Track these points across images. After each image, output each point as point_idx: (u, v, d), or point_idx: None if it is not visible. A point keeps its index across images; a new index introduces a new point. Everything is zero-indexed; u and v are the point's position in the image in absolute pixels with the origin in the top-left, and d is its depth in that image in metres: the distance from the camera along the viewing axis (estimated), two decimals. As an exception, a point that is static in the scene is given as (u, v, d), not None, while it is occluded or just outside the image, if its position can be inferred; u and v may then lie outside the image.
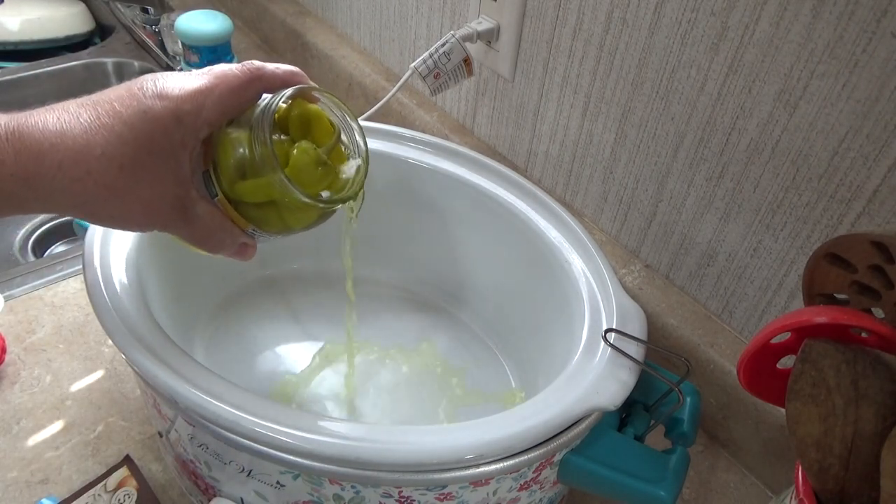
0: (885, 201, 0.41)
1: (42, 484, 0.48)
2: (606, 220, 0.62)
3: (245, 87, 0.36)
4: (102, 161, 0.32)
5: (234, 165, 0.36)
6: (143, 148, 0.33)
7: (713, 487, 0.54)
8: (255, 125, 0.36)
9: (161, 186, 0.34)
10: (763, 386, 0.39)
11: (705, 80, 0.48)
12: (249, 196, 0.37)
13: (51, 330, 0.58)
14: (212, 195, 0.37)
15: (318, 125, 0.39)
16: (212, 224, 0.37)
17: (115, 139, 0.32)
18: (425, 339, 0.59)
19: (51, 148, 0.31)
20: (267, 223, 0.38)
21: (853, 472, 0.32)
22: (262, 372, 0.54)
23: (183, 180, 0.35)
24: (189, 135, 0.34)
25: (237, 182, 0.36)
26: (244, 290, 0.60)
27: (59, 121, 0.32)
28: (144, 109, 0.33)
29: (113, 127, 0.32)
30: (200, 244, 0.38)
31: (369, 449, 0.34)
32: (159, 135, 0.33)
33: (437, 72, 0.63)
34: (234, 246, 0.39)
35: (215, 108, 0.35)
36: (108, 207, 0.34)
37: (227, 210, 0.37)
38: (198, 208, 0.36)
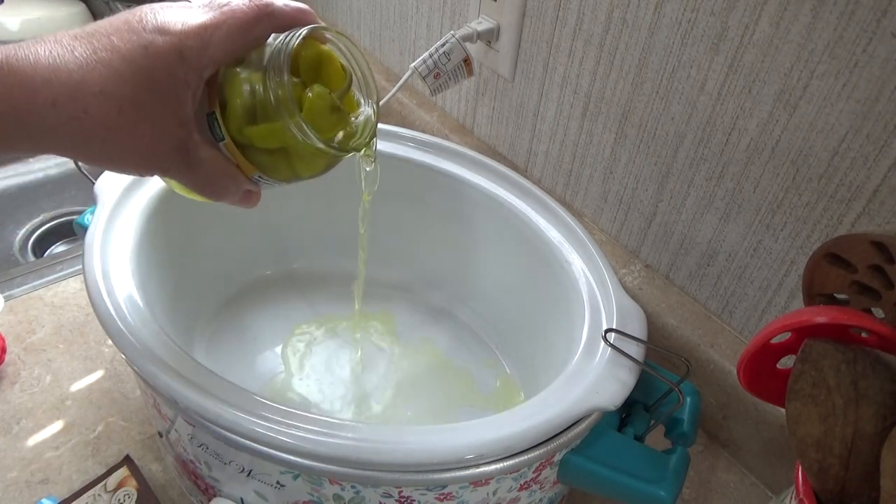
0: (885, 201, 0.41)
1: (42, 484, 0.48)
2: (606, 220, 0.62)
3: (254, 24, 0.33)
4: (100, 98, 0.30)
5: (243, 108, 0.34)
6: (143, 86, 0.31)
7: (713, 487, 0.54)
8: (270, 66, 0.33)
9: (162, 127, 0.32)
10: (763, 386, 0.39)
11: (705, 80, 0.48)
12: (260, 141, 0.35)
13: (51, 330, 0.58)
14: (217, 138, 0.35)
15: (330, 68, 0.37)
16: (215, 169, 0.34)
17: (114, 76, 0.30)
18: (425, 339, 0.59)
19: (44, 84, 0.29)
20: (275, 170, 0.36)
21: (853, 472, 0.32)
22: (263, 372, 0.54)
23: (185, 121, 0.33)
24: (192, 73, 0.32)
25: (246, 126, 0.34)
26: (245, 290, 0.60)
27: (52, 54, 0.30)
28: (145, 44, 0.31)
29: (111, 62, 0.30)
30: (202, 190, 0.35)
31: (369, 449, 0.34)
32: (161, 72, 0.31)
33: (437, 72, 0.63)
34: (238, 193, 0.37)
35: (222, 45, 0.32)
36: (105, 148, 0.32)
37: (234, 155, 0.35)
38: (201, 152, 0.34)
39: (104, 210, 0.45)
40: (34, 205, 0.90)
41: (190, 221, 0.53)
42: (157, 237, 0.48)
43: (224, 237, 0.57)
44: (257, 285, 0.61)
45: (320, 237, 0.62)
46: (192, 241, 0.54)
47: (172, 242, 0.50)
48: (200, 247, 0.55)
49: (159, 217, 0.48)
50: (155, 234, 0.47)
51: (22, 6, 1.01)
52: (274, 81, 0.33)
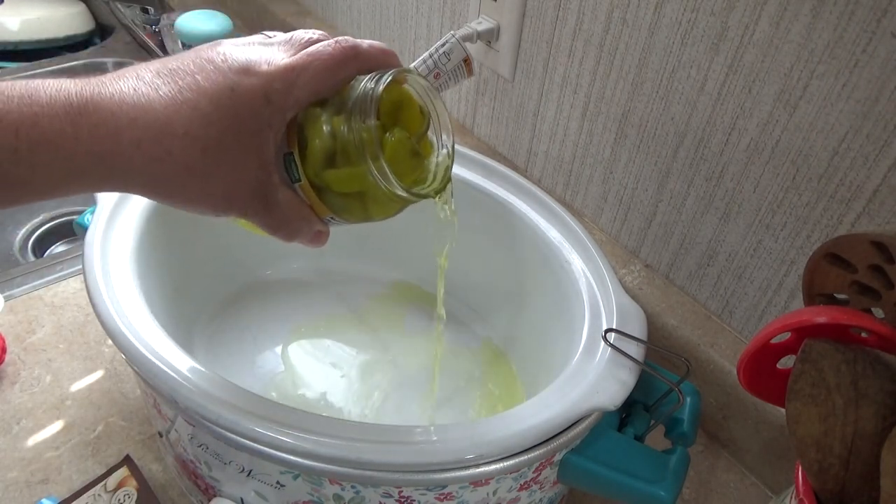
0: (885, 201, 0.41)
1: (42, 484, 0.48)
2: (606, 220, 0.62)
3: (341, 67, 0.33)
4: (186, 141, 0.29)
5: (323, 151, 0.33)
6: (228, 129, 0.30)
7: (713, 487, 0.54)
8: (356, 110, 0.32)
9: (244, 170, 0.32)
10: (763, 386, 0.39)
11: (705, 80, 0.48)
12: (338, 185, 0.34)
13: (51, 330, 0.58)
14: (293, 180, 0.34)
15: (409, 110, 0.36)
16: (290, 212, 0.34)
17: (199, 118, 0.30)
18: (424, 338, 0.59)
19: (129, 124, 0.29)
20: (349, 212, 0.36)
21: (853, 472, 0.32)
22: (263, 372, 0.54)
23: (266, 164, 0.32)
24: (277, 115, 0.31)
25: (325, 169, 0.34)
26: (244, 290, 0.60)
27: (137, 92, 0.29)
28: (231, 86, 0.30)
29: (197, 104, 0.30)
30: (276, 231, 0.35)
31: (369, 449, 0.34)
32: (246, 114, 0.31)
33: (437, 72, 0.63)
34: (309, 234, 0.36)
35: (307, 87, 0.32)
36: (187, 190, 0.31)
37: (309, 196, 0.34)
38: (278, 194, 0.33)
39: (104, 210, 0.45)
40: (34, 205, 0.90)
41: (190, 221, 0.53)
42: (157, 237, 0.48)
43: (224, 237, 0.57)
44: (257, 285, 0.61)
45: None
46: (192, 241, 0.54)
47: (172, 242, 0.50)
48: (200, 247, 0.55)
49: (159, 217, 0.48)
50: (155, 234, 0.47)
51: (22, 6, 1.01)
52: (359, 126, 0.32)
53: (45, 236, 0.88)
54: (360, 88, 0.33)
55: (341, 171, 0.34)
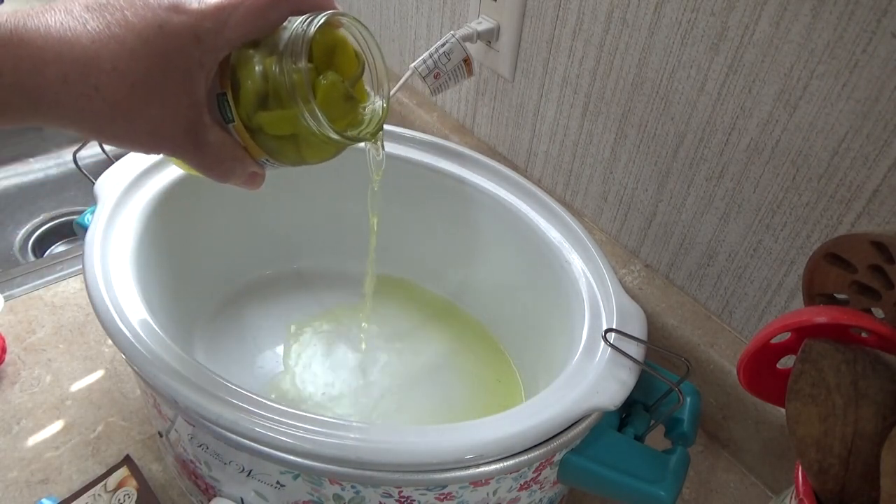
0: (885, 201, 0.41)
1: (42, 484, 0.48)
2: (606, 220, 0.62)
3: (272, 7, 0.32)
4: (113, 76, 0.29)
5: (255, 93, 0.33)
6: (156, 66, 0.30)
7: (713, 487, 0.54)
8: (287, 52, 0.33)
9: (173, 108, 0.31)
10: (763, 386, 0.39)
11: (705, 80, 0.48)
12: (270, 128, 0.34)
13: (51, 330, 0.58)
14: (227, 120, 0.34)
15: (344, 54, 0.36)
16: (223, 152, 0.34)
17: (127, 54, 0.29)
18: (425, 338, 0.59)
19: (55, 58, 0.28)
20: (283, 154, 0.36)
21: (853, 472, 0.32)
22: (263, 372, 0.54)
23: (197, 103, 0.32)
24: (208, 54, 0.31)
25: (258, 111, 0.34)
26: (244, 290, 0.60)
27: (63, 26, 0.29)
28: (160, 23, 0.30)
29: (125, 39, 0.29)
30: (209, 172, 0.35)
31: (369, 449, 0.34)
32: (175, 52, 0.30)
33: (437, 72, 0.63)
34: (243, 176, 0.36)
35: (239, 27, 0.32)
36: (114, 126, 0.31)
37: (242, 137, 0.35)
38: (209, 135, 0.33)
39: (104, 210, 0.45)
40: (34, 205, 0.90)
41: (190, 221, 0.53)
42: (157, 237, 0.48)
43: (224, 237, 0.57)
44: (257, 285, 0.61)
45: (320, 236, 0.62)
46: (191, 240, 0.54)
47: (172, 242, 0.50)
48: (200, 247, 0.55)
49: (159, 217, 0.48)
50: (155, 234, 0.47)
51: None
52: (290, 68, 0.33)
53: (45, 236, 0.88)
54: (293, 30, 0.33)
55: (273, 113, 0.34)
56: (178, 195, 0.50)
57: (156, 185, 0.49)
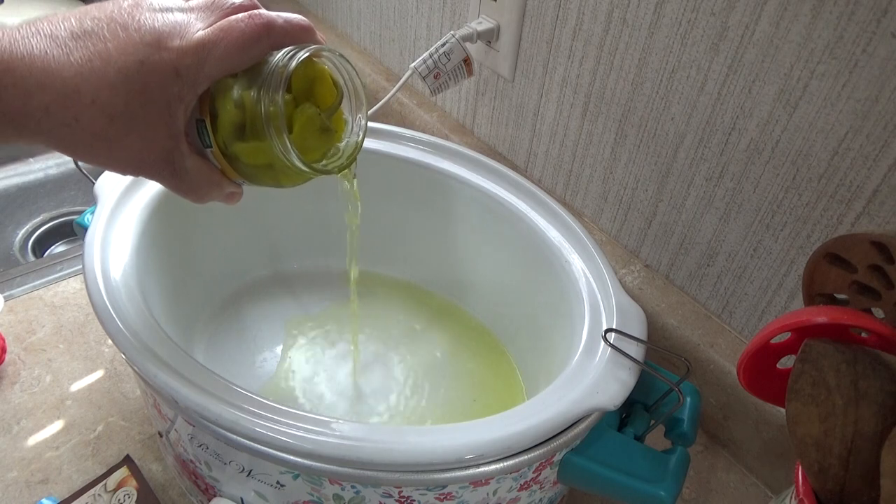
0: (885, 201, 0.41)
1: (42, 484, 0.48)
2: (606, 220, 0.62)
3: (253, 43, 0.33)
4: (93, 109, 0.30)
5: (233, 123, 0.34)
6: (136, 100, 0.31)
7: (713, 487, 0.54)
8: (265, 86, 0.33)
9: (152, 139, 0.32)
10: (763, 386, 0.39)
11: (705, 80, 0.48)
12: (247, 157, 0.35)
13: (51, 330, 0.58)
14: (205, 145, 0.35)
15: (323, 84, 0.37)
16: (200, 178, 0.35)
17: (108, 88, 0.30)
18: (425, 338, 0.59)
19: (38, 88, 0.29)
20: (259, 180, 0.37)
21: (853, 472, 0.32)
22: (263, 372, 0.54)
23: (175, 134, 0.33)
24: (187, 89, 0.32)
25: (234, 141, 0.35)
26: (244, 290, 0.60)
27: (48, 56, 0.30)
28: (142, 59, 0.31)
29: (106, 73, 0.30)
30: (186, 195, 0.36)
31: (369, 449, 0.34)
32: (155, 87, 0.31)
33: (437, 72, 0.63)
34: (220, 196, 0.37)
35: (219, 63, 0.32)
36: (94, 153, 0.32)
37: (220, 161, 0.36)
38: (187, 162, 0.34)
39: (104, 210, 0.45)
40: (34, 205, 0.90)
41: (190, 222, 0.53)
42: (157, 237, 0.48)
43: (224, 237, 0.57)
44: (258, 285, 0.61)
45: (321, 237, 0.62)
46: (192, 241, 0.54)
47: (172, 242, 0.50)
48: (200, 247, 0.55)
49: (159, 217, 0.48)
50: (155, 234, 0.47)
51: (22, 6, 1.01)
52: (267, 102, 0.33)
53: (45, 236, 0.88)
54: (273, 63, 0.34)
55: (250, 144, 0.34)
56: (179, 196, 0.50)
57: (156, 185, 0.49)
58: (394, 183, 0.59)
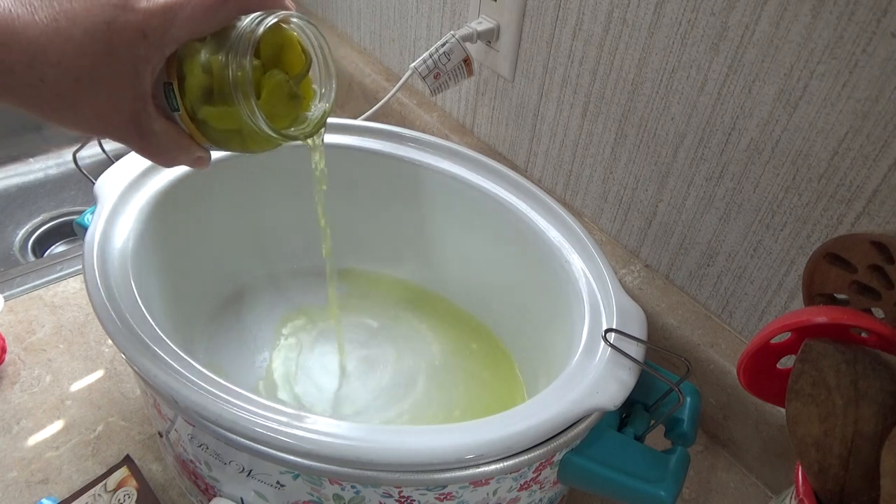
0: (885, 201, 0.41)
1: (42, 484, 0.48)
2: (606, 220, 0.62)
3: (220, 8, 0.33)
4: (58, 70, 0.30)
5: (201, 87, 0.34)
6: (102, 61, 0.31)
7: (713, 487, 0.54)
8: (232, 51, 0.33)
9: (118, 100, 0.32)
10: (763, 386, 0.39)
11: (705, 80, 0.48)
12: (214, 122, 0.35)
13: (51, 330, 0.58)
14: (172, 108, 0.35)
15: (291, 51, 0.37)
16: (167, 141, 0.35)
17: (73, 49, 0.30)
18: (424, 338, 0.59)
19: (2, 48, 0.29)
20: (226, 144, 0.37)
21: (853, 472, 0.32)
22: (263, 372, 0.54)
23: (142, 96, 0.33)
24: (154, 51, 0.32)
25: (202, 105, 0.35)
26: (244, 290, 0.60)
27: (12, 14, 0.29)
28: (108, 20, 0.31)
29: (72, 34, 0.30)
30: (154, 159, 0.36)
31: (369, 449, 0.34)
32: (121, 49, 0.31)
33: (437, 72, 0.63)
34: (188, 160, 0.37)
35: (186, 25, 0.32)
36: (61, 114, 0.32)
37: (187, 125, 0.36)
38: (154, 125, 0.34)
39: (104, 210, 0.45)
40: (34, 205, 0.90)
41: (190, 221, 0.53)
42: (157, 237, 0.48)
43: (224, 237, 0.57)
44: (258, 285, 0.61)
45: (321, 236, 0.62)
46: (191, 241, 0.54)
47: (172, 242, 0.50)
48: (200, 247, 0.55)
49: (159, 217, 0.48)
50: (155, 234, 0.47)
51: None
52: (234, 66, 0.33)
53: (45, 236, 0.88)
54: (241, 28, 0.33)
55: (217, 108, 0.34)
56: (179, 195, 0.50)
57: (156, 185, 0.49)
58: (393, 183, 0.59)
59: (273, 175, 0.58)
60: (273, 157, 0.46)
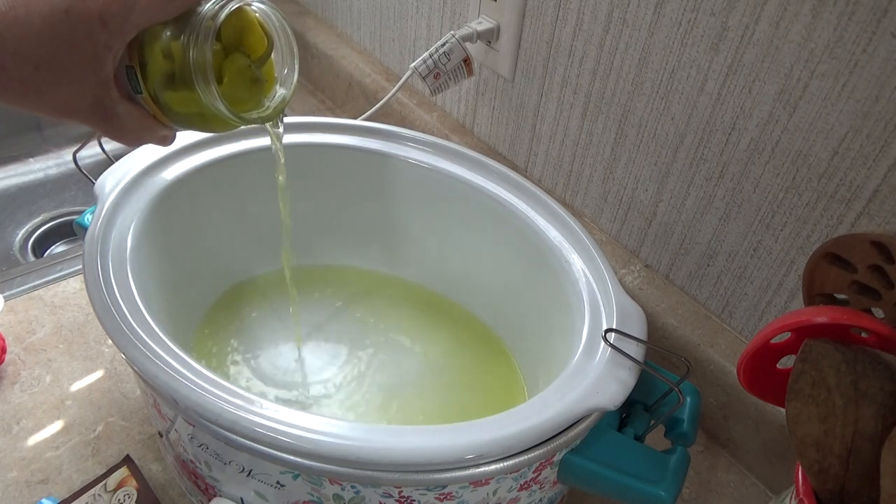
0: (885, 201, 0.41)
1: (42, 484, 0.48)
2: (606, 220, 0.62)
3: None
4: (17, 58, 0.30)
5: (162, 73, 0.34)
6: (61, 48, 0.31)
7: (713, 487, 0.54)
8: (193, 37, 0.33)
9: (80, 85, 0.32)
10: (763, 386, 0.39)
11: (705, 80, 0.48)
12: (176, 106, 0.36)
13: (51, 330, 0.58)
14: (135, 91, 0.35)
15: (253, 34, 0.37)
16: (131, 123, 0.35)
17: (32, 37, 0.30)
18: (424, 338, 0.59)
19: None
20: (189, 125, 0.37)
21: (853, 472, 0.32)
22: (263, 372, 0.54)
23: (104, 81, 0.33)
24: (114, 37, 0.32)
25: (165, 90, 0.35)
26: (244, 290, 0.60)
27: None
28: (66, 8, 0.30)
29: (30, 22, 0.30)
30: (118, 140, 0.36)
31: (369, 449, 0.34)
32: (82, 36, 0.31)
33: (437, 72, 0.63)
34: (152, 140, 0.38)
35: (145, 12, 0.32)
36: (24, 100, 0.32)
37: (151, 107, 0.36)
38: (118, 108, 0.34)
39: (104, 210, 0.45)
40: (34, 205, 0.90)
41: (190, 221, 0.53)
42: (156, 237, 0.48)
43: (223, 236, 0.57)
44: (258, 284, 0.61)
45: (322, 234, 0.62)
46: (191, 240, 0.54)
47: (172, 242, 0.50)
48: (200, 246, 0.55)
49: (159, 217, 0.48)
50: (155, 234, 0.47)
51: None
52: (195, 53, 0.33)
53: (45, 236, 0.88)
54: (201, 14, 0.33)
55: (179, 93, 0.35)
56: (178, 195, 0.50)
57: (155, 185, 0.49)
58: (393, 183, 0.59)
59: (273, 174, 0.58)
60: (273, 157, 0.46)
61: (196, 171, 0.51)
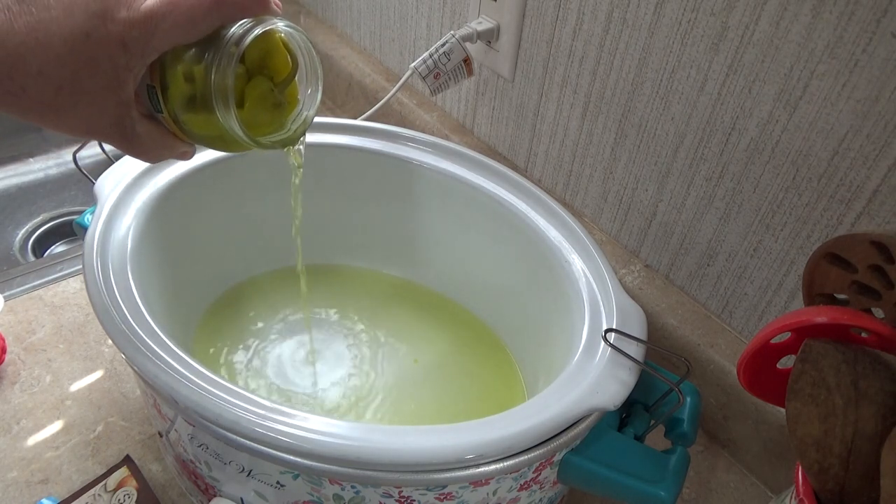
0: (885, 201, 0.41)
1: (42, 484, 0.48)
2: (606, 220, 0.62)
3: (202, 18, 0.32)
4: (38, 80, 0.30)
5: (183, 96, 0.34)
6: (83, 71, 0.31)
7: (713, 487, 0.54)
8: (216, 62, 0.33)
9: (101, 106, 0.33)
10: (763, 386, 0.39)
11: (705, 80, 0.48)
12: (196, 128, 0.36)
13: (51, 330, 0.58)
14: (156, 110, 0.35)
15: (277, 56, 0.37)
16: (151, 142, 0.36)
17: (53, 59, 0.30)
18: (425, 337, 0.59)
19: None
20: (210, 145, 0.38)
21: (853, 472, 0.32)
22: (263, 371, 0.54)
23: (124, 102, 0.33)
24: (135, 60, 0.32)
25: (185, 112, 0.35)
26: (244, 290, 0.60)
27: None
28: (87, 31, 0.30)
29: (51, 44, 0.30)
30: (139, 157, 0.37)
31: (369, 449, 0.34)
32: (102, 59, 0.31)
33: (437, 72, 0.63)
34: (173, 156, 0.38)
35: (167, 37, 0.32)
36: (45, 120, 0.32)
37: (170, 125, 0.36)
38: (138, 127, 0.34)
39: (104, 210, 0.45)
40: (34, 205, 0.90)
41: (189, 221, 0.53)
42: (156, 237, 0.48)
43: (223, 236, 0.57)
44: (258, 284, 0.61)
45: (322, 234, 0.62)
46: (191, 240, 0.54)
47: (172, 242, 0.50)
48: (200, 246, 0.55)
49: (159, 217, 0.48)
50: (155, 234, 0.47)
51: None
52: (217, 78, 0.33)
53: (45, 236, 0.88)
54: (225, 39, 0.33)
55: (199, 115, 0.35)
56: (178, 195, 0.50)
57: (155, 185, 0.49)
58: (393, 183, 0.59)
59: (274, 174, 0.58)
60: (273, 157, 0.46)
61: (196, 171, 0.51)
